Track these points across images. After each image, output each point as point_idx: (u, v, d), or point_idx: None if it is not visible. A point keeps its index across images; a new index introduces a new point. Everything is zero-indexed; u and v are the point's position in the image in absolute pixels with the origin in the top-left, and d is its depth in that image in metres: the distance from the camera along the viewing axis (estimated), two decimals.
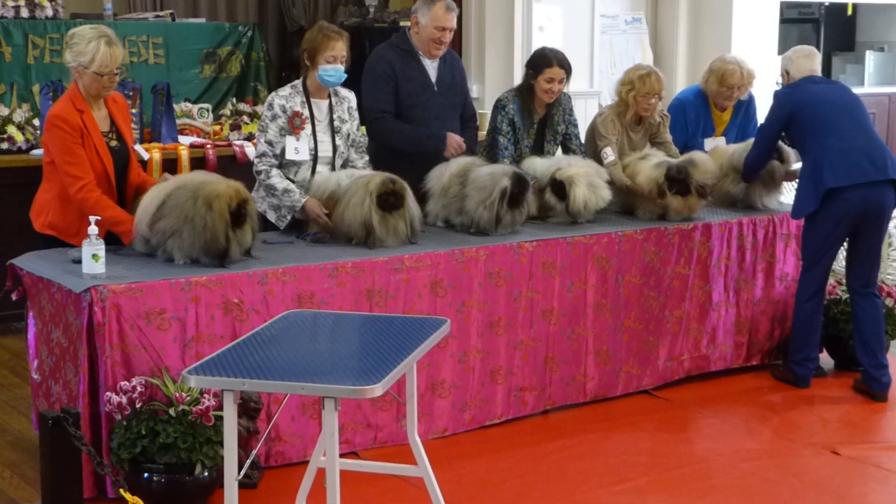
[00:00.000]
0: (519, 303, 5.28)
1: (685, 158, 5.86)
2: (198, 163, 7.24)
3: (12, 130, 7.01)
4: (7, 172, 6.82)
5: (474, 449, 5.04)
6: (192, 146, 7.43)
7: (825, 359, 6.25)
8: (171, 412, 4.20)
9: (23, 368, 5.87)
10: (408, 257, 4.96)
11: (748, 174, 6.10)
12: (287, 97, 5.32)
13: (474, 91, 8.60)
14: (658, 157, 5.91)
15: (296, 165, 5.32)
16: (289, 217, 5.31)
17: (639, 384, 5.76)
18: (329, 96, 5.39)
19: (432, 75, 5.79)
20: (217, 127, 7.96)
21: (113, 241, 4.69)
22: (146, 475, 4.18)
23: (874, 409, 5.69)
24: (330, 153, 5.39)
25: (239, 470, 3.36)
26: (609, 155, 5.91)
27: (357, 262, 4.83)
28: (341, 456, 3.52)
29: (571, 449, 5.08)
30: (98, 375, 4.29)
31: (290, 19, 10.50)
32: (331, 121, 5.39)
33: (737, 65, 6.33)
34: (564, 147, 6.05)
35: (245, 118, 8.05)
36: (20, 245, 5.06)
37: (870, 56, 12.35)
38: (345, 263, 4.80)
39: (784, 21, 10.76)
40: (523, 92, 5.90)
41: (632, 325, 5.68)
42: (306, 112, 5.31)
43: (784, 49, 6.33)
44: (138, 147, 5.30)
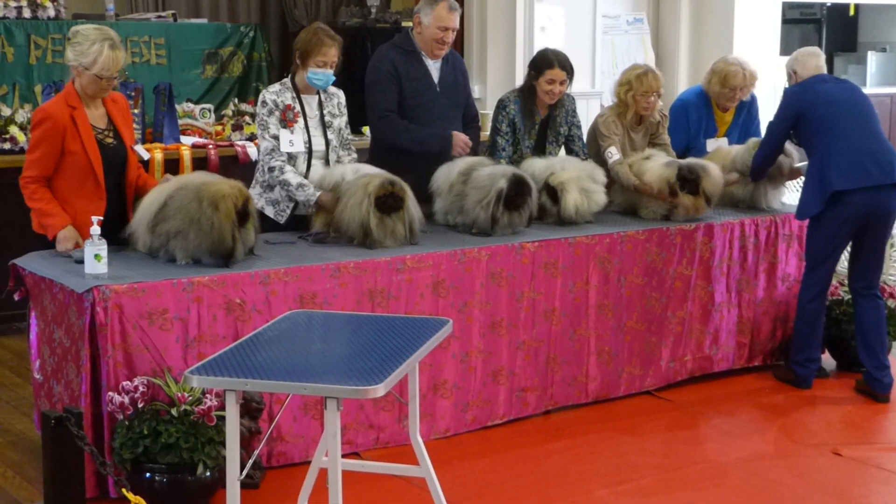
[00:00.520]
0: (521, 303, 5.28)
1: (698, 162, 5.86)
2: (200, 163, 7.25)
3: (14, 131, 7.02)
4: (9, 172, 6.78)
5: (476, 449, 5.04)
6: (195, 146, 7.44)
7: (827, 360, 6.25)
8: (174, 412, 4.21)
9: (25, 368, 5.87)
10: (410, 258, 4.96)
11: (756, 173, 6.09)
12: (277, 92, 5.33)
13: (476, 91, 8.60)
14: (664, 157, 5.92)
15: (292, 160, 5.32)
16: (288, 211, 5.31)
17: (641, 385, 5.76)
18: (318, 93, 5.41)
19: (435, 76, 5.79)
20: (219, 127, 7.97)
21: (115, 242, 4.68)
22: (148, 475, 4.18)
23: (876, 410, 5.69)
24: (323, 148, 5.40)
25: (241, 470, 3.36)
26: (614, 154, 5.90)
27: (359, 263, 4.83)
28: (343, 456, 3.51)
29: (573, 450, 5.08)
30: (100, 375, 4.29)
31: (292, 20, 10.51)
32: (321, 116, 5.40)
33: (739, 66, 6.32)
34: (567, 148, 6.05)
35: (247, 118, 8.05)
36: (22, 245, 5.06)
37: (872, 56, 12.35)
38: (347, 264, 4.80)
39: (786, 21, 10.77)
40: (525, 92, 5.90)
41: (634, 326, 5.68)
42: (297, 106, 5.32)
43: (786, 49, 6.35)
44: (139, 147, 5.29)
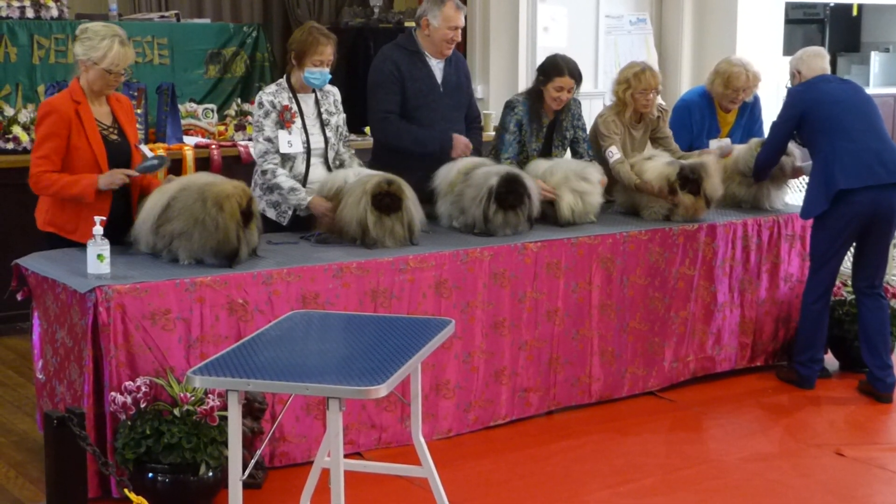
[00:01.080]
0: (523, 303, 5.28)
1: (700, 162, 5.85)
2: (202, 163, 7.25)
3: (17, 131, 7.02)
4: (12, 172, 6.81)
5: (478, 450, 5.04)
6: (197, 146, 7.45)
7: (830, 360, 6.24)
8: (176, 412, 4.21)
9: (27, 368, 5.87)
10: (412, 258, 4.96)
11: (759, 173, 6.08)
12: (274, 93, 5.33)
13: (479, 91, 8.60)
14: (666, 157, 5.91)
15: (290, 160, 5.32)
16: (290, 213, 5.32)
17: (644, 385, 5.76)
18: (314, 91, 5.41)
19: (438, 76, 5.78)
20: (222, 127, 7.97)
21: (118, 242, 4.69)
22: (151, 475, 4.17)
23: (879, 410, 5.68)
24: (322, 146, 5.40)
25: (243, 470, 3.36)
26: (615, 153, 5.90)
27: (361, 263, 4.83)
28: (345, 456, 3.51)
29: (576, 450, 5.08)
30: (103, 375, 4.29)
31: (295, 19, 10.51)
32: (318, 114, 5.41)
33: (742, 67, 6.31)
34: (573, 150, 6.05)
35: (250, 118, 8.04)
36: (25, 245, 5.06)
37: (875, 57, 12.33)
38: (349, 264, 4.80)
39: (789, 22, 10.76)
40: (532, 96, 5.89)
41: (637, 326, 5.67)
42: (294, 106, 5.33)
43: (789, 50, 6.33)
44: (144, 147, 5.29)
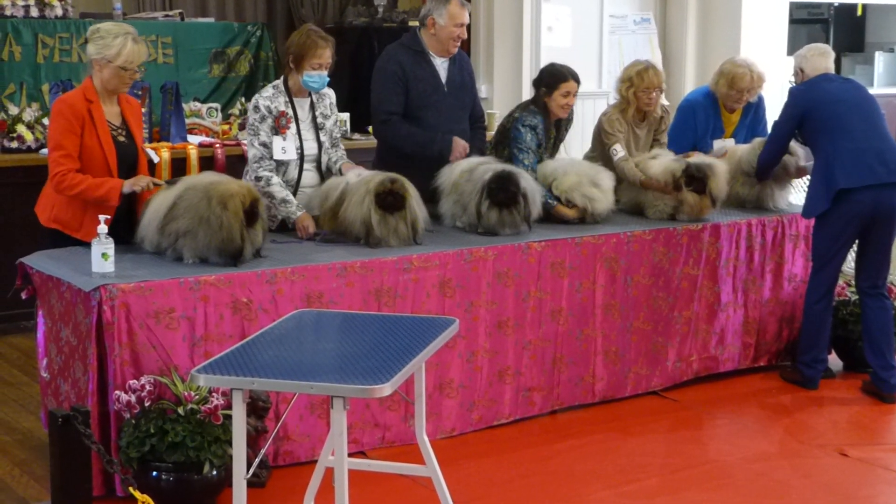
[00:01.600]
0: (527, 303, 5.28)
1: (706, 162, 5.85)
2: (207, 162, 7.25)
3: (22, 129, 7.03)
4: (17, 171, 6.83)
5: (482, 449, 5.04)
6: (201, 146, 7.44)
7: (834, 360, 6.23)
8: (180, 411, 4.21)
9: (32, 367, 5.88)
10: (416, 257, 4.96)
11: (762, 172, 6.08)
12: (270, 97, 5.31)
13: (483, 91, 8.60)
14: (672, 155, 5.92)
15: (283, 165, 5.32)
16: (278, 218, 5.29)
17: (647, 385, 5.75)
18: (310, 94, 5.40)
19: (443, 76, 5.78)
20: (226, 126, 7.98)
21: (122, 241, 4.69)
22: (155, 474, 4.18)
23: (883, 411, 5.68)
24: (315, 151, 5.40)
25: (247, 469, 3.36)
26: (619, 151, 5.90)
27: (365, 262, 4.83)
28: (349, 455, 3.51)
29: (579, 449, 5.08)
30: (107, 374, 4.30)
31: (299, 19, 10.51)
32: (313, 118, 5.40)
33: (747, 68, 6.30)
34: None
35: None
36: (30, 243, 5.07)
37: (879, 57, 12.31)
38: (353, 263, 4.80)
39: (793, 21, 10.74)
40: (542, 110, 5.78)
41: (640, 326, 5.67)
42: (290, 112, 5.32)
43: (793, 50, 6.31)
44: (150, 151, 5.31)
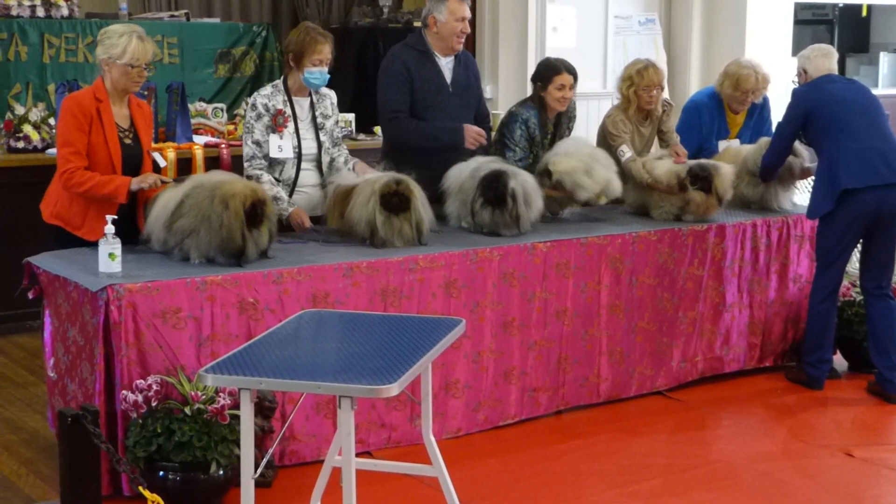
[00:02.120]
0: (533, 303, 5.29)
1: (711, 161, 5.86)
2: (212, 162, 7.27)
3: (28, 129, 7.04)
4: (23, 171, 6.84)
5: (488, 449, 5.05)
6: (207, 146, 7.46)
7: (839, 360, 6.24)
8: (187, 411, 4.23)
9: (38, 367, 5.89)
10: (422, 257, 4.97)
11: (766, 173, 6.09)
12: (269, 96, 5.32)
13: (488, 91, 8.60)
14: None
15: (280, 164, 5.33)
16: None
17: (652, 385, 5.76)
18: (310, 94, 5.40)
19: (448, 76, 5.77)
20: (231, 126, 7.99)
21: (128, 241, 4.70)
22: (161, 473, 4.19)
23: (888, 411, 5.68)
24: (315, 150, 5.40)
25: (254, 469, 3.37)
26: (626, 152, 5.90)
27: (371, 262, 4.84)
28: (355, 455, 3.52)
29: (585, 449, 5.09)
30: (114, 374, 4.31)
31: (304, 19, 10.49)
32: (313, 118, 5.40)
33: (752, 69, 6.30)
34: None
35: None
36: (36, 243, 5.07)
37: (884, 57, 12.31)
38: (359, 263, 4.81)
39: (798, 22, 10.75)
40: (537, 104, 5.83)
41: (645, 327, 5.68)
42: (289, 110, 5.32)
43: (798, 50, 6.31)
44: (157, 155, 5.31)
